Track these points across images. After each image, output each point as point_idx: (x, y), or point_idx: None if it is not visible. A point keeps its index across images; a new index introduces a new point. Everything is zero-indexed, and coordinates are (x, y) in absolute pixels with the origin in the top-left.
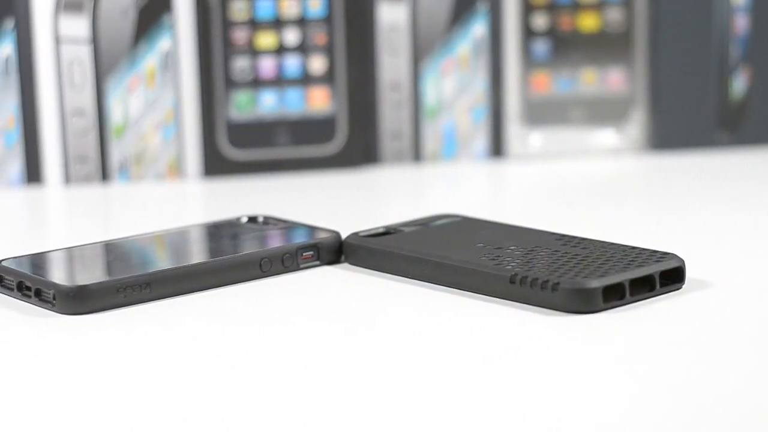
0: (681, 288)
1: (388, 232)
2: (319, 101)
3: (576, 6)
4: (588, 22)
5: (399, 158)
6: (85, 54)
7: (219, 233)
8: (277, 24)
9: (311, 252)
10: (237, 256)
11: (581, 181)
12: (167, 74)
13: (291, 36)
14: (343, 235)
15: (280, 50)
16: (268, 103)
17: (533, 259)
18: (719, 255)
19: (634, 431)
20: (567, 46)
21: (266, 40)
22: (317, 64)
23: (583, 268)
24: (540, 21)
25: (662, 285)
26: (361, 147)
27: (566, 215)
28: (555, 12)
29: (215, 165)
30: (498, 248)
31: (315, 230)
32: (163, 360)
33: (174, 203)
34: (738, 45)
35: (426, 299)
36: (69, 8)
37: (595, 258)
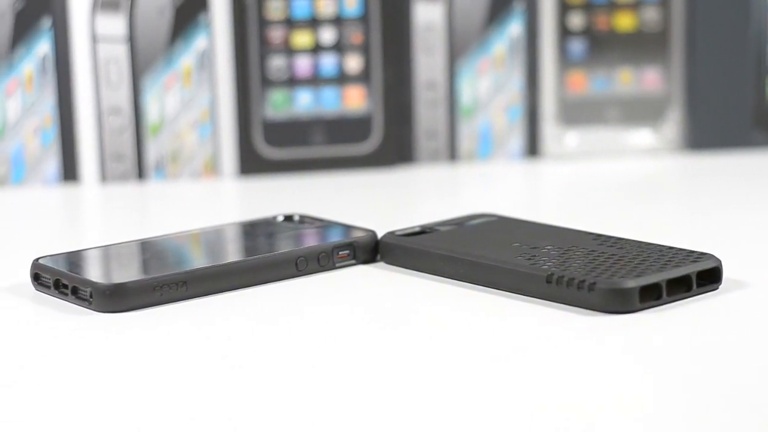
0: (718, 288)
1: (424, 232)
2: (355, 100)
3: (612, 5)
4: (624, 22)
5: (434, 157)
6: (122, 53)
7: (255, 232)
8: (313, 23)
9: (347, 251)
10: (273, 255)
11: (617, 181)
12: (203, 73)
13: (327, 35)
14: (379, 234)
15: (316, 49)
16: (304, 102)
17: (569, 259)
18: (756, 255)
19: (670, 430)
20: (603, 46)
21: (302, 39)
22: (353, 63)
23: (620, 268)
24: (576, 20)
25: (699, 285)
26: (397, 146)
27: (602, 215)
28: (591, 11)
29: (251, 164)
30: (534, 248)
31: (351, 229)
32: (199, 359)
33: (210, 202)
34: None
35: (462, 299)
36: (106, 7)
37: (632, 258)
